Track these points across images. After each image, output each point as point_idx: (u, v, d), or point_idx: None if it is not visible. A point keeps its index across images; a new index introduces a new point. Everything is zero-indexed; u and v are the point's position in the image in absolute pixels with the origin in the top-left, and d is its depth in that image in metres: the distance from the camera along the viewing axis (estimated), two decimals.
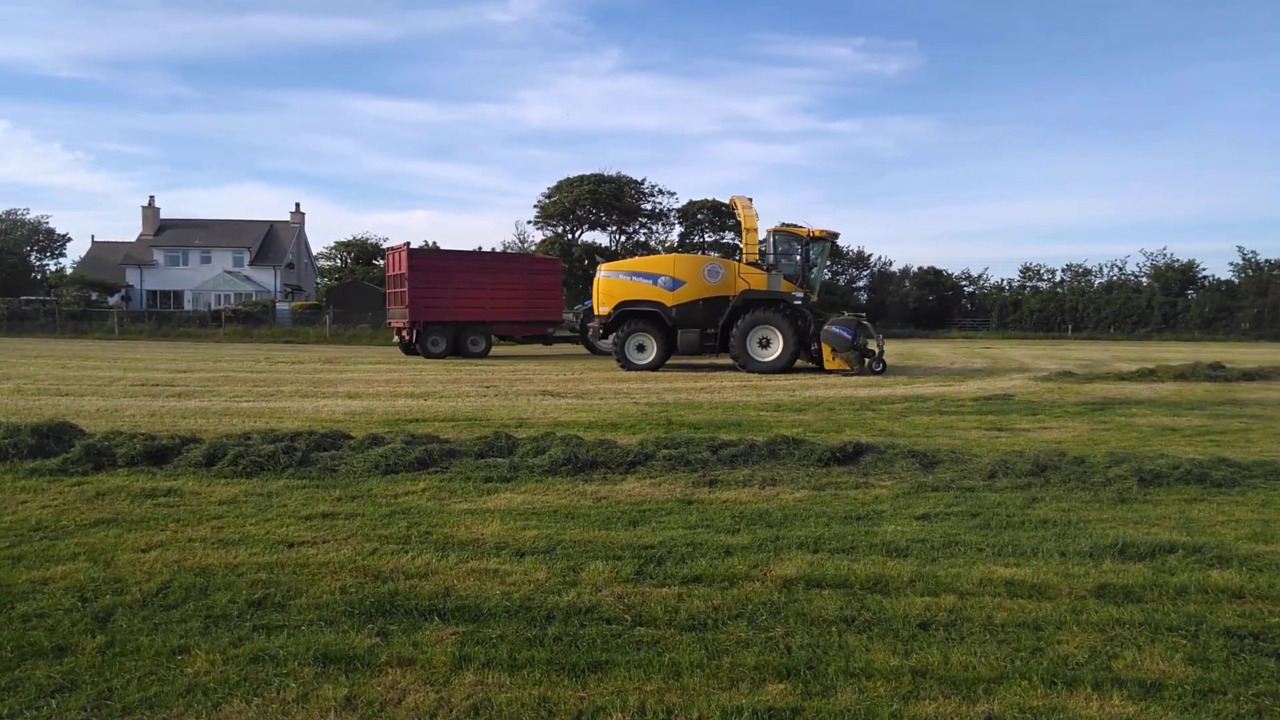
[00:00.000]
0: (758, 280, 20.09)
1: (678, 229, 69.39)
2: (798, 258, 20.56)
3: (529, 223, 68.72)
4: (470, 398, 14.17)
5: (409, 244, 26.22)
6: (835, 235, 20.92)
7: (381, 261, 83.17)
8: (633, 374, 19.81)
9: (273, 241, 62.65)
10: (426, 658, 3.59)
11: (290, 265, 63.31)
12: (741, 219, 20.84)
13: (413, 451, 7.95)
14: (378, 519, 5.93)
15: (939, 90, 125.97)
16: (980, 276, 66.82)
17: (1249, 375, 19.28)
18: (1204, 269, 61.93)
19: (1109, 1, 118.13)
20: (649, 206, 69.53)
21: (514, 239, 69.51)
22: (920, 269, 66.03)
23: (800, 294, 20.09)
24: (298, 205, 66.16)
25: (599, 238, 69.20)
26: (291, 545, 5.26)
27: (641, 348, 20.46)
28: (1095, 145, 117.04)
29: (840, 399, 14.59)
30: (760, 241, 21.05)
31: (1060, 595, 4.46)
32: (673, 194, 70.57)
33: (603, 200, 65.27)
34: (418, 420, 11.10)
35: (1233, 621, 4.08)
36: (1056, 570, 4.84)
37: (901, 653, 3.69)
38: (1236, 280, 59.99)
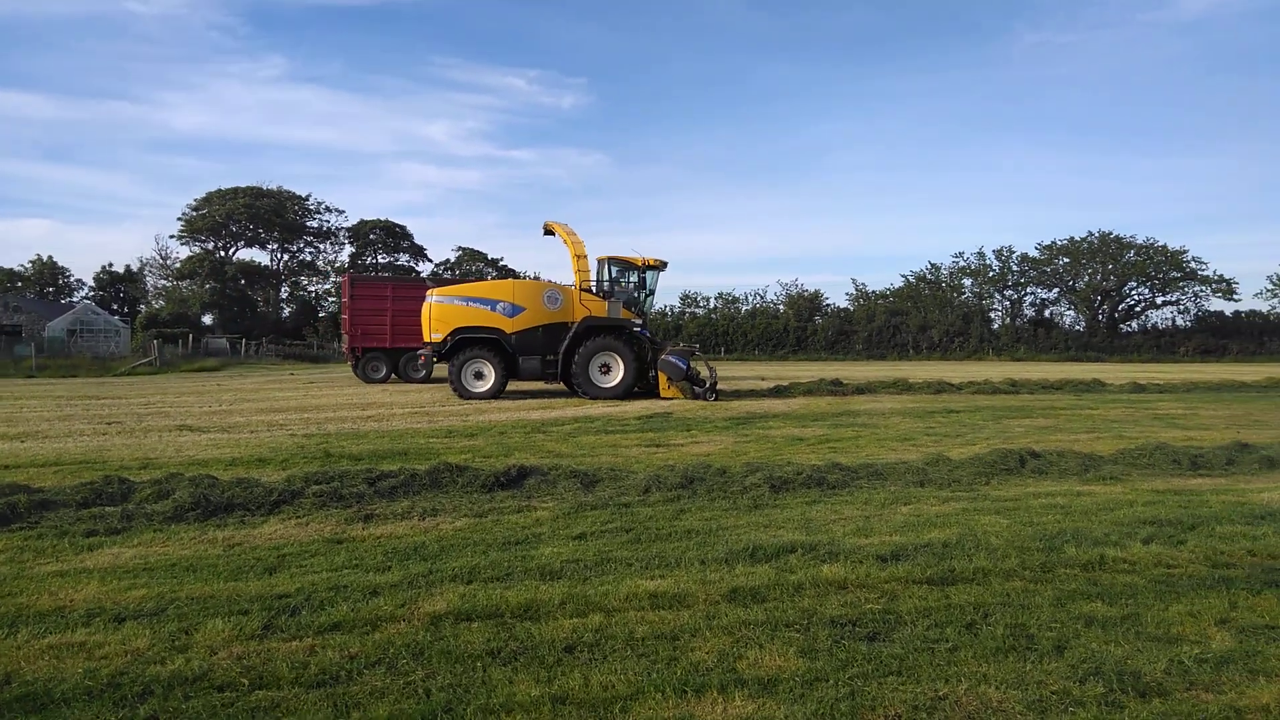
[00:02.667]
0: (598, 307, 20.21)
1: (348, 249, 66.26)
2: (631, 285, 20.97)
3: (172, 237, 61.81)
4: (85, 437, 12.14)
5: (351, 272, 24.78)
6: (664, 264, 21.45)
7: None
8: (291, 403, 18.36)
9: None
10: None
11: None
12: (570, 245, 20.73)
13: None
14: None
15: (609, 127, 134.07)
16: None
17: (860, 390, 22.50)
18: (828, 298, 71.89)
19: (751, 60, 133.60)
20: (315, 224, 65.66)
21: (154, 255, 61.99)
22: None
23: (639, 321, 20.50)
24: None
25: (257, 255, 64.05)
26: None
27: (480, 375, 19.73)
28: (742, 187, 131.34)
29: (513, 422, 14.61)
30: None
31: (698, 602, 4.70)
32: (342, 212, 67.48)
33: (261, 216, 60.47)
34: (6, 467, 9.24)
35: (837, 611, 4.55)
36: (696, 578, 5.11)
37: (545, 680, 3.62)
38: (852, 308, 70.22)
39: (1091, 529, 6.39)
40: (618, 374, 19.83)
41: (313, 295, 67.09)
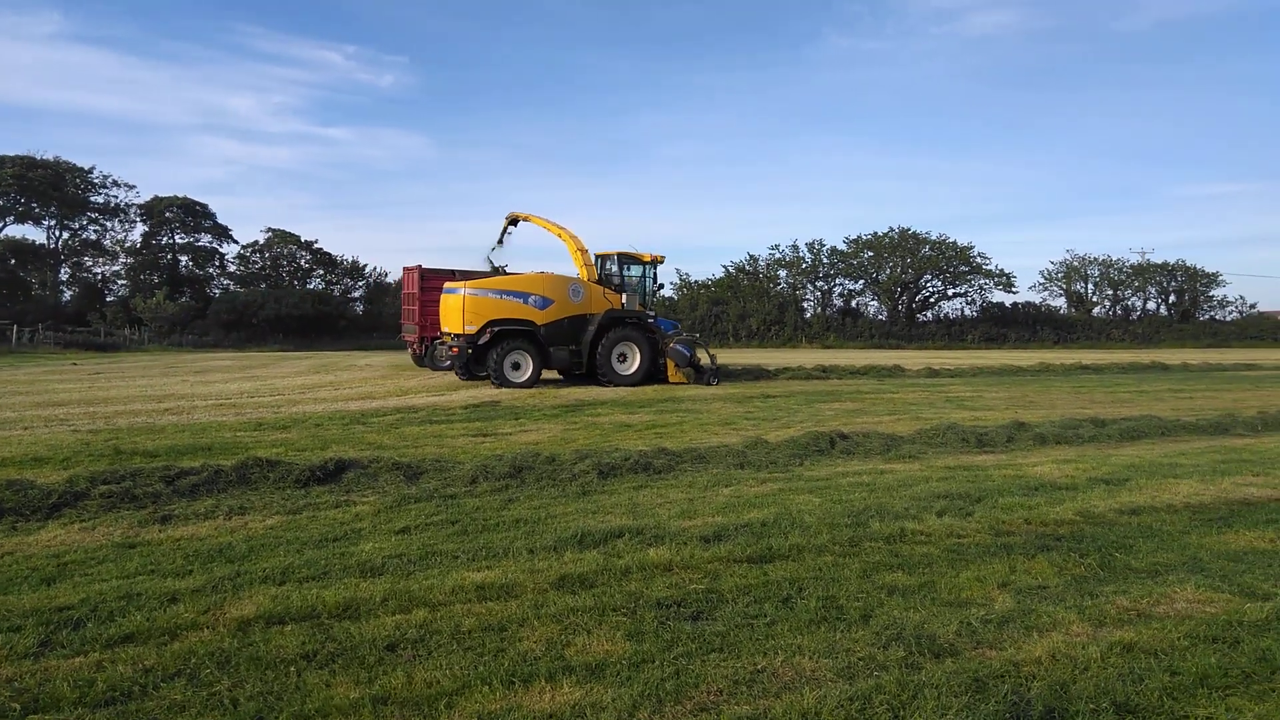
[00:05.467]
0: (616, 300, 21.23)
1: (140, 227, 60.68)
2: (636, 280, 22.11)
3: None
4: None
5: (420, 265, 25.44)
6: (663, 259, 22.71)
7: None
8: (74, 396, 16.63)
9: None
10: None
11: None
12: (570, 240, 21.58)
13: None
14: None
15: (433, 109, 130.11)
16: None
17: None
18: None
19: (579, 52, 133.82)
20: (101, 200, 59.71)
21: None
22: None
23: (652, 313, 21.98)
24: None
25: (30, 232, 57.46)
26: None
27: (517, 365, 20.19)
28: (570, 176, 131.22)
29: (330, 414, 13.93)
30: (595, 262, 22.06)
31: (526, 592, 4.66)
32: (133, 187, 61.69)
33: (34, 188, 54.26)
34: None
35: (663, 593, 4.65)
36: (524, 567, 5.07)
37: (365, 681, 3.48)
38: (676, 297, 72.01)
39: (893, 504, 6.89)
40: (634, 362, 21.04)
41: (99, 277, 61.01)
